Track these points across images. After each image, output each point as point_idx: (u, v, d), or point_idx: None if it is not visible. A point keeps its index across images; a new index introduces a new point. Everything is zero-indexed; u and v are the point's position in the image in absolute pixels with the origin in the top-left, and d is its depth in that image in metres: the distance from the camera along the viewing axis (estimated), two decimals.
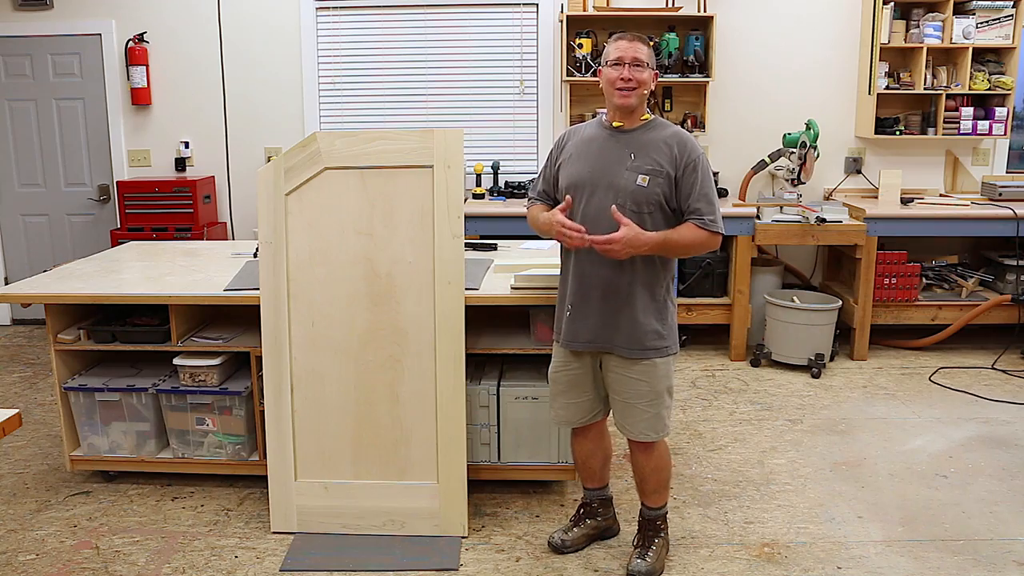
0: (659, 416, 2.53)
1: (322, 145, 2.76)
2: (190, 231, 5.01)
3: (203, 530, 2.92)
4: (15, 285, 3.14)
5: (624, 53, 2.42)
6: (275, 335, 2.81)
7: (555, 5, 5.12)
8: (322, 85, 5.31)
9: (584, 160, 2.50)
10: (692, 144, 2.45)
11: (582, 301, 2.52)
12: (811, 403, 4.11)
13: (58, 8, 5.24)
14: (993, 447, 3.57)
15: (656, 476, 2.63)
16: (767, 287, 4.86)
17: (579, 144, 2.54)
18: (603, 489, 2.84)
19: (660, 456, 2.61)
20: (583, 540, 2.80)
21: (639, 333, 2.47)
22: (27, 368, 4.77)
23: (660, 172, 2.41)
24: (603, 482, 2.83)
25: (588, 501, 2.84)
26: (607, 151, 2.47)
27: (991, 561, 2.69)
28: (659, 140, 2.44)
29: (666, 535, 2.71)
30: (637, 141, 2.45)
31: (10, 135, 5.42)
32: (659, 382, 2.51)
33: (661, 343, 2.50)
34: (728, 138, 5.22)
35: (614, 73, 2.43)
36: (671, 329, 2.54)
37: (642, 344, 2.48)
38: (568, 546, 2.77)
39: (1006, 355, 4.77)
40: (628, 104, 2.43)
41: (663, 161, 2.41)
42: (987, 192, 4.93)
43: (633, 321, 2.47)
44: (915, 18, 4.94)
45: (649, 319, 2.47)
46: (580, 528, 2.81)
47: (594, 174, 2.46)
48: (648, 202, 2.41)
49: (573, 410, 2.66)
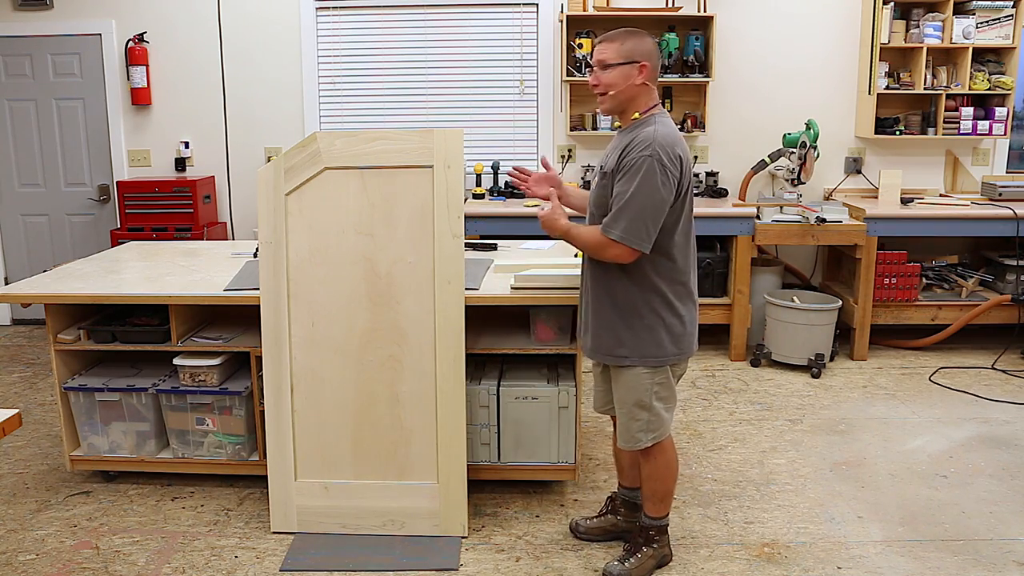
0: (627, 427, 2.50)
1: (322, 145, 2.76)
2: (190, 231, 5.01)
3: (203, 530, 2.92)
4: (15, 285, 3.14)
5: (593, 55, 2.43)
6: (275, 335, 2.81)
7: (555, 5, 5.12)
8: (322, 85, 5.31)
9: None
10: (645, 146, 2.26)
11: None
12: (811, 403, 4.11)
13: (58, 8, 5.24)
14: (993, 447, 3.57)
15: (648, 484, 2.59)
16: (767, 287, 4.86)
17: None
18: (630, 491, 2.82)
19: (655, 466, 2.56)
20: (598, 532, 2.82)
21: (598, 337, 2.49)
22: (27, 368, 4.77)
23: (607, 174, 2.39)
24: (630, 483, 2.81)
25: (613, 496, 2.86)
26: (607, 152, 2.51)
27: (991, 561, 2.69)
28: (629, 140, 2.35)
29: (658, 549, 2.62)
30: (620, 142, 2.43)
31: (10, 135, 5.42)
32: (624, 391, 2.48)
33: (620, 351, 2.43)
34: (728, 138, 5.22)
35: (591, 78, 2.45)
36: (643, 341, 2.40)
37: (600, 349, 2.50)
38: (582, 531, 2.81)
39: (1006, 355, 4.77)
40: (604, 109, 2.44)
41: (613, 162, 2.37)
42: (987, 192, 4.93)
43: (597, 325, 2.49)
44: (915, 18, 4.94)
45: (612, 326, 2.44)
46: (599, 520, 2.84)
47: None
48: (598, 205, 2.44)
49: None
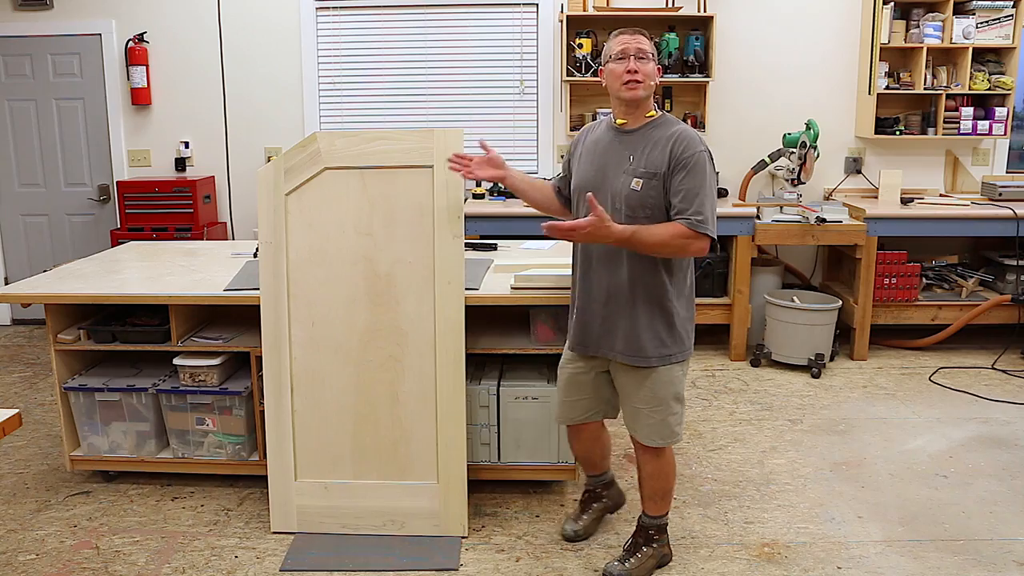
0: (665, 423, 2.48)
1: (322, 145, 2.76)
2: (190, 231, 5.01)
3: (203, 530, 2.92)
4: (15, 285, 3.14)
5: (628, 45, 2.36)
6: (275, 335, 2.81)
7: (555, 5, 5.11)
8: (322, 85, 5.31)
9: (590, 162, 2.48)
10: (692, 142, 2.32)
11: (587, 305, 2.51)
12: (811, 403, 4.11)
13: (58, 8, 5.24)
14: (993, 447, 3.56)
15: (652, 482, 2.58)
16: (767, 287, 4.86)
17: (589, 145, 2.52)
18: (604, 475, 2.87)
19: (661, 464, 2.56)
20: (594, 525, 2.84)
21: (640, 340, 2.41)
22: (27, 368, 4.76)
23: (655, 174, 2.33)
24: (604, 469, 2.86)
25: (591, 488, 2.87)
26: (610, 153, 2.44)
27: (991, 561, 2.69)
28: (661, 139, 2.35)
29: (658, 548, 2.63)
30: (639, 142, 2.39)
31: (10, 135, 5.42)
32: (663, 388, 2.45)
33: (664, 351, 2.42)
34: (728, 138, 5.22)
35: (619, 67, 2.35)
36: (679, 336, 2.44)
37: (643, 352, 2.42)
38: (581, 535, 2.81)
39: (1006, 355, 4.77)
40: (636, 97, 2.35)
41: (659, 161, 2.33)
42: (987, 192, 4.93)
43: (634, 328, 2.41)
44: (915, 18, 4.94)
45: (651, 326, 2.41)
46: (589, 514, 2.85)
47: (596, 177, 2.44)
48: (643, 206, 2.34)
49: (568, 408, 2.67)
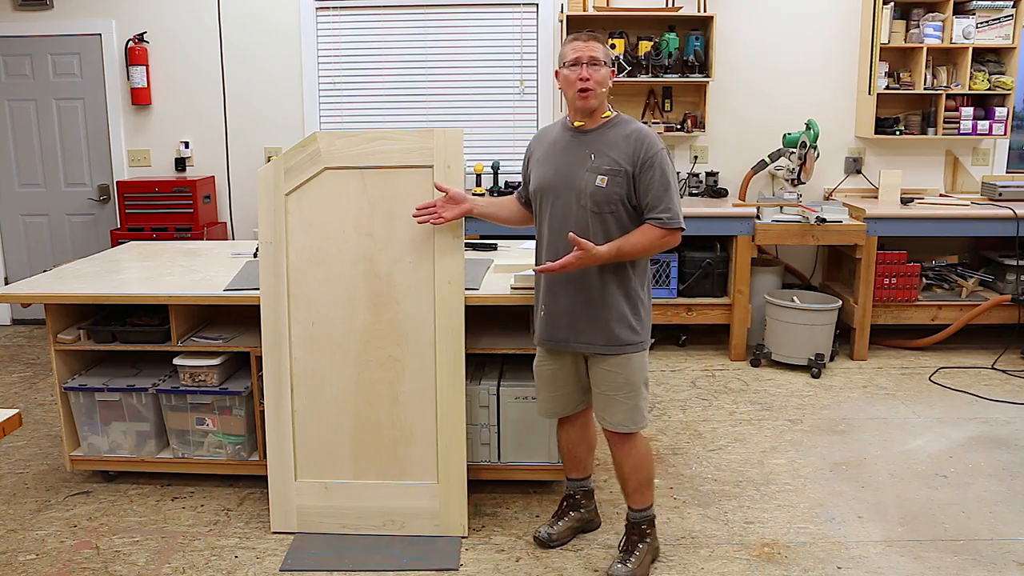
0: (636, 408, 2.54)
1: (322, 145, 2.76)
2: (190, 231, 5.01)
3: (203, 530, 2.92)
4: (15, 285, 3.14)
5: (581, 53, 2.41)
6: (275, 335, 2.81)
7: (555, 5, 5.11)
8: (322, 85, 5.31)
9: (549, 163, 2.53)
10: (651, 140, 2.42)
11: (554, 301, 2.55)
12: (811, 403, 4.11)
13: (58, 8, 5.24)
14: (993, 447, 3.57)
15: (637, 474, 2.61)
16: (767, 287, 4.86)
17: (545, 147, 2.57)
18: (586, 480, 2.88)
19: (640, 453, 2.60)
20: (568, 533, 2.83)
21: (611, 331, 2.48)
22: (27, 368, 4.77)
23: (619, 171, 2.40)
24: (587, 472, 2.88)
25: (572, 493, 2.87)
26: (569, 153, 2.48)
27: (991, 561, 2.69)
28: (619, 138, 2.44)
29: (652, 541, 2.66)
30: (597, 141, 2.45)
31: (10, 135, 5.42)
32: (635, 374, 2.52)
33: (635, 338, 2.51)
34: (728, 138, 5.22)
35: (572, 75, 2.42)
36: (644, 324, 2.54)
37: (617, 340, 2.49)
38: (555, 540, 2.79)
39: (1006, 355, 4.77)
40: (588, 107, 2.44)
41: (622, 159, 2.41)
42: (987, 192, 4.93)
43: (606, 318, 2.48)
44: (915, 18, 4.94)
45: (622, 315, 2.48)
46: (565, 521, 2.84)
47: (557, 177, 2.49)
48: (608, 202, 2.42)
49: (553, 403, 2.71)
